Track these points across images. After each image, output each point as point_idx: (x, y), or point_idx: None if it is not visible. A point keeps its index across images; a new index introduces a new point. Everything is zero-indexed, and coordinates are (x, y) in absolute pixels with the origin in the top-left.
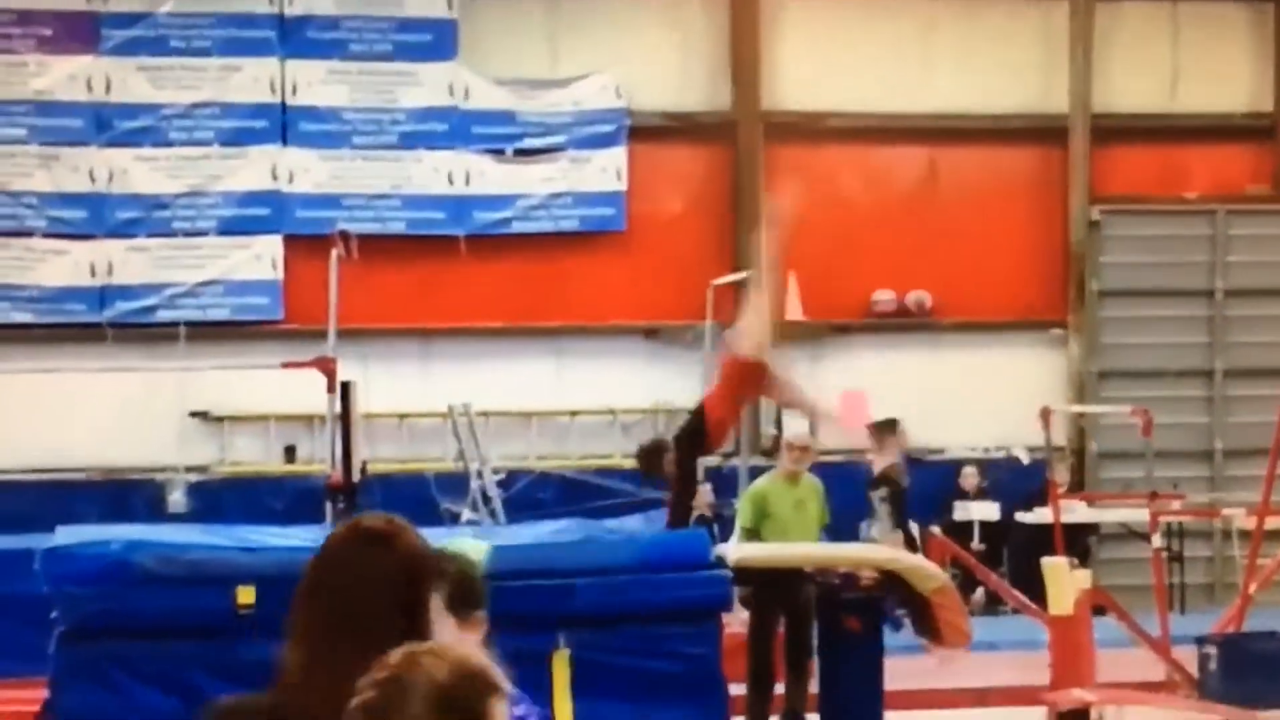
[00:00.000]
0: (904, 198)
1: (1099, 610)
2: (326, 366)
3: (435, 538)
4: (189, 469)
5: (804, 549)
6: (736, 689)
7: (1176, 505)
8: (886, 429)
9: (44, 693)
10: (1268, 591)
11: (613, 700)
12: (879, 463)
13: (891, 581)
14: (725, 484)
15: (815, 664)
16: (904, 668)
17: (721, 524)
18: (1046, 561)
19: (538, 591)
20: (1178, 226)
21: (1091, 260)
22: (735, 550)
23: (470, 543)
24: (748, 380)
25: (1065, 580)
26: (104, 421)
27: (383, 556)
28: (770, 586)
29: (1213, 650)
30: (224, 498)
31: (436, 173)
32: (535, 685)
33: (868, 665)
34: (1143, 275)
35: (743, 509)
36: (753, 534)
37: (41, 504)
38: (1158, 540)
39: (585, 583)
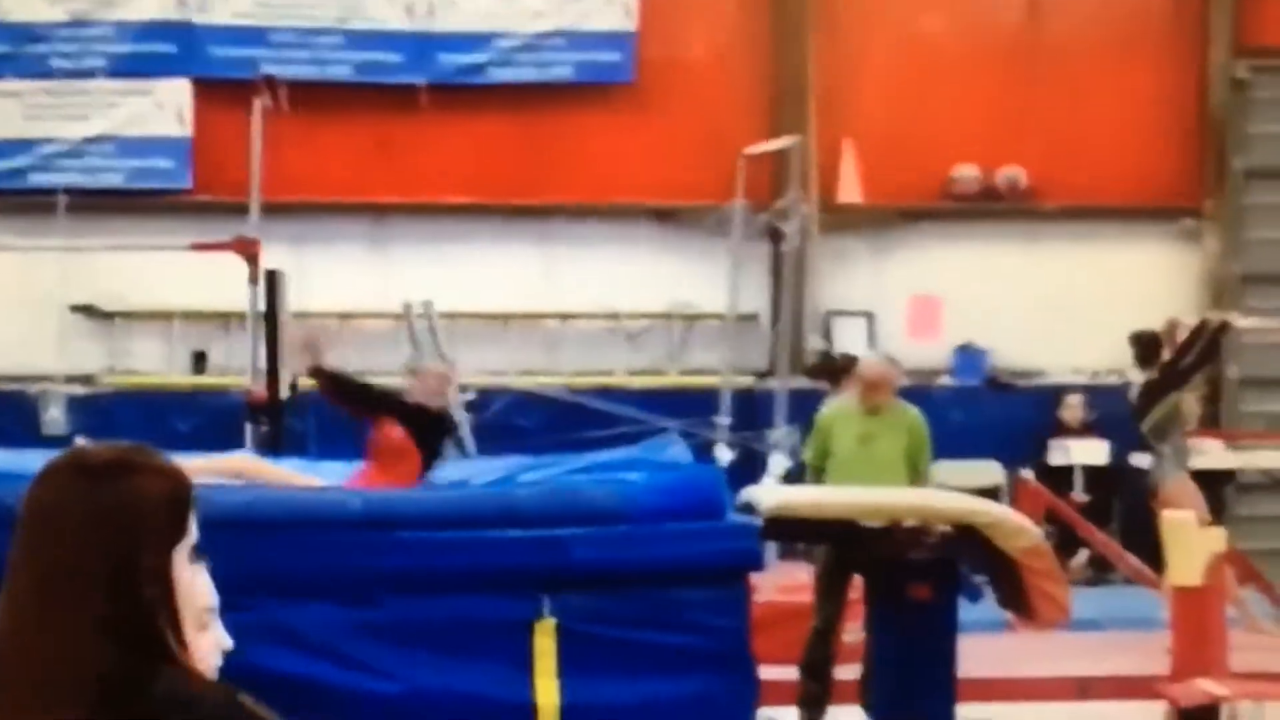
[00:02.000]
0: (996, 47)
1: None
2: (247, 249)
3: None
4: (71, 379)
5: (854, 495)
6: (770, 672)
7: None
8: (1149, 341)
9: None
10: None
11: (609, 681)
12: (1142, 377)
13: (969, 539)
14: (759, 411)
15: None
16: (983, 649)
17: None
18: (1168, 517)
19: (516, 545)
20: None
21: (1235, 131)
22: (771, 494)
23: None
24: None
25: (1192, 541)
26: None
27: (89, 494)
28: (832, 543)
29: None
30: (115, 415)
31: (391, 3)
32: (513, 660)
33: (937, 645)
34: None
35: (808, 441)
36: (818, 472)
37: None
38: None
39: (576, 534)
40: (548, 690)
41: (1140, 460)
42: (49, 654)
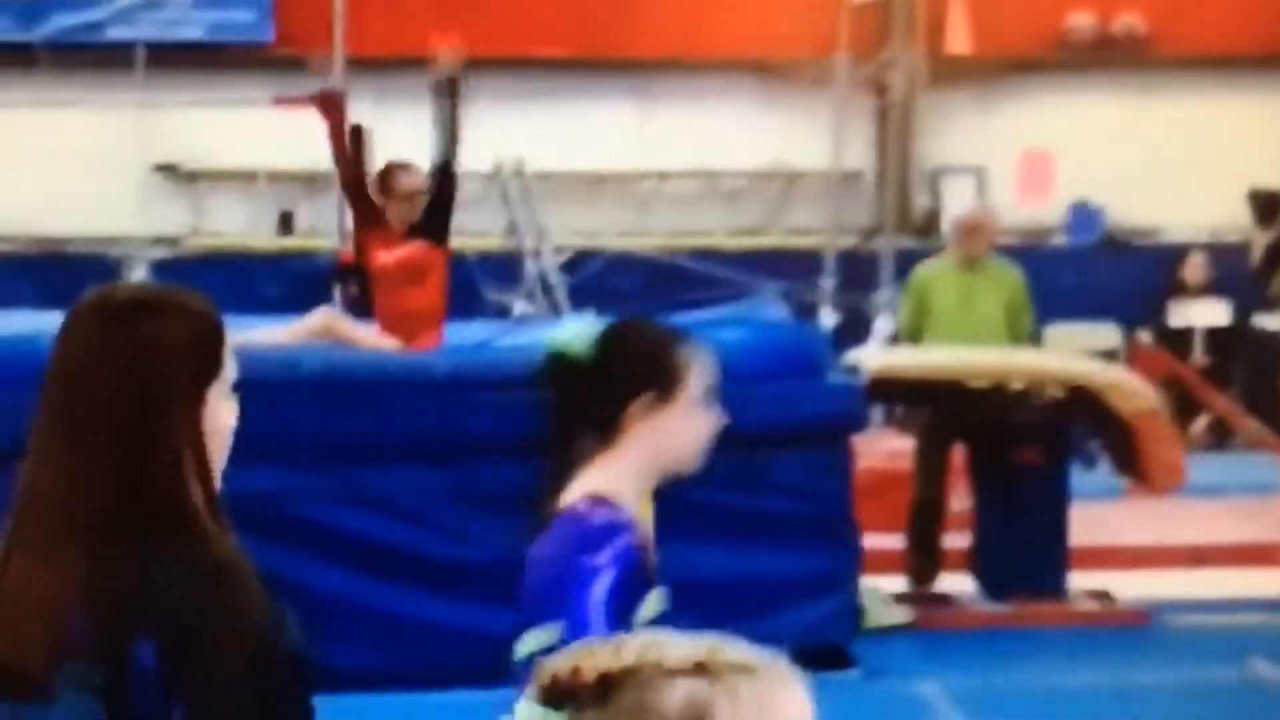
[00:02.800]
0: None
1: None
2: (331, 103)
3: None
4: (154, 240)
5: (963, 356)
6: (874, 540)
7: None
8: (1269, 200)
9: None
10: None
11: (708, 547)
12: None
13: (1083, 402)
14: (864, 273)
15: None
16: (1097, 516)
17: None
18: None
19: None
20: None
21: None
22: (875, 356)
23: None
24: None
25: None
26: (40, 176)
27: (113, 338)
28: (934, 405)
29: None
30: (200, 278)
31: None
32: None
33: (1048, 510)
34: None
35: (901, 303)
36: (913, 334)
37: None
38: None
39: None
40: None
41: (1265, 322)
42: (63, 502)
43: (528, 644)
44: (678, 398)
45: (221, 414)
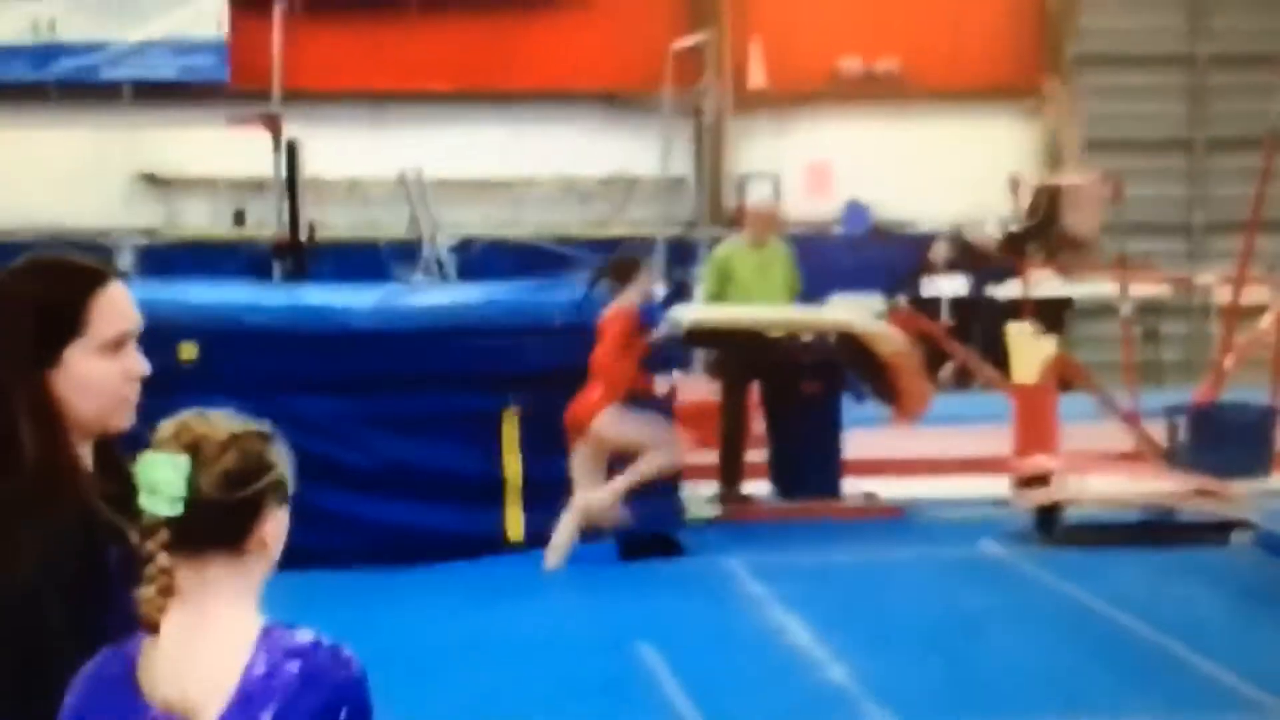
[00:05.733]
0: None
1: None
2: (271, 124)
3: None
4: (137, 231)
5: (759, 311)
6: (694, 456)
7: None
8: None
9: None
10: (1245, 368)
11: (561, 456)
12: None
13: (851, 345)
14: (685, 254)
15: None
16: (865, 436)
17: None
18: (1011, 327)
19: (487, 351)
20: None
21: (1070, 24)
22: (687, 312)
23: None
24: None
25: (1030, 347)
26: (50, 183)
27: None
28: (735, 350)
29: (1180, 420)
30: (173, 261)
31: None
32: (485, 442)
33: (826, 430)
34: (1123, 41)
35: (706, 276)
36: (717, 300)
37: None
38: (1127, 309)
39: (531, 342)
40: (514, 466)
41: (995, 292)
42: None
43: None
44: None
45: (93, 371)
